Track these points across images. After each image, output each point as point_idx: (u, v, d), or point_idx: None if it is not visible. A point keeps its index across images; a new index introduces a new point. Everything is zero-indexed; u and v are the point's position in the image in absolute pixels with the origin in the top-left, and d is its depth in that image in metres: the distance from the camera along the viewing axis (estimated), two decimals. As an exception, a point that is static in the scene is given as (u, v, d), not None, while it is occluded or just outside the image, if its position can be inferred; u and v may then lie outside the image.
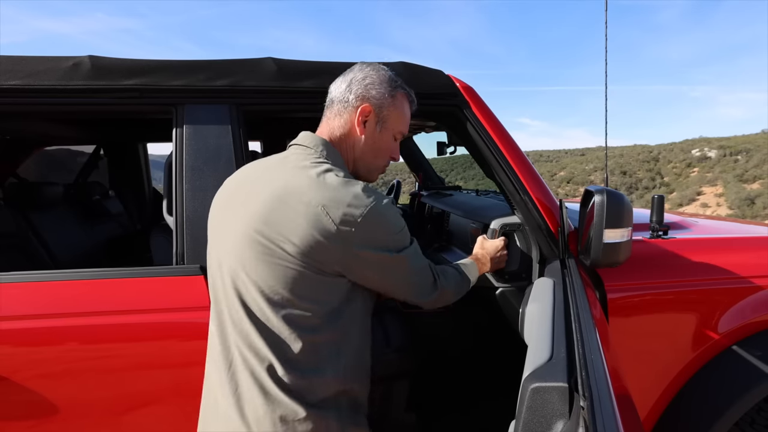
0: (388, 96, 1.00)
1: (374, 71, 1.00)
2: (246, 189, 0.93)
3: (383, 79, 1.00)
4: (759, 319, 1.31)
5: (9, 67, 1.13)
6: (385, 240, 0.89)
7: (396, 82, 1.02)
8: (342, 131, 0.99)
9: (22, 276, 1.12)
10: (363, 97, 0.98)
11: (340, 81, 1.02)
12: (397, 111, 1.01)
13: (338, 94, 1.00)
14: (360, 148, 1.00)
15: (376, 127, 1.00)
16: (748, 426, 1.29)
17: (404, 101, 1.03)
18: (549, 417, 0.63)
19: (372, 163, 1.04)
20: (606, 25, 1.33)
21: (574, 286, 1.00)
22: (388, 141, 1.03)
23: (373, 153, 1.02)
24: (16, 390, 1.06)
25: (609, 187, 1.20)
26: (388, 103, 1.00)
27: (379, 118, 1.00)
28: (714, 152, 34.05)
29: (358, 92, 0.98)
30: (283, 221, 0.84)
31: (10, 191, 2.12)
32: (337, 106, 1.00)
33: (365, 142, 1.00)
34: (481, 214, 1.69)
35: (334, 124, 1.00)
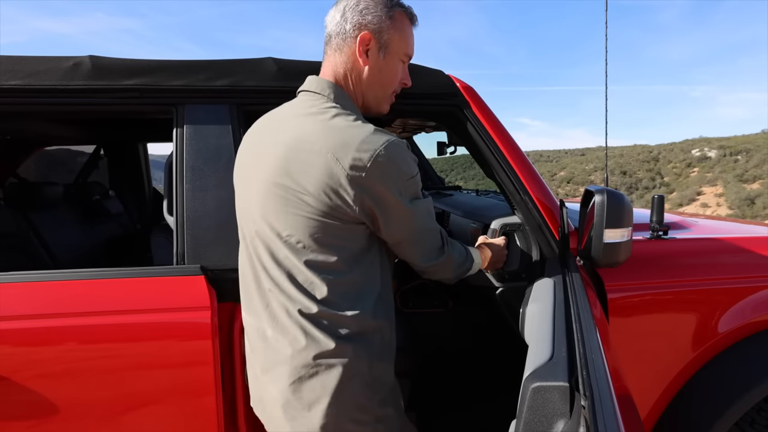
0: (386, 18, 0.93)
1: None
2: (263, 141, 0.94)
3: (378, 0, 0.94)
4: (759, 319, 1.31)
5: (9, 67, 1.13)
6: (396, 184, 0.86)
7: (392, 1, 0.95)
8: (345, 66, 0.95)
9: (22, 276, 1.12)
10: (360, 25, 0.92)
11: (333, 11, 0.96)
12: (398, 32, 0.95)
13: (334, 26, 0.94)
14: (366, 80, 0.96)
15: (379, 54, 0.95)
16: (748, 426, 1.29)
17: (404, 19, 0.97)
18: (550, 416, 0.63)
19: (381, 93, 0.99)
20: (606, 25, 1.33)
21: (575, 286, 1.00)
22: (395, 66, 0.98)
23: (380, 82, 0.97)
24: (16, 390, 1.06)
25: (609, 187, 1.20)
26: (388, 25, 0.94)
27: (381, 44, 0.94)
28: (714, 152, 34.07)
29: (354, 20, 0.92)
30: (297, 171, 0.85)
31: (10, 191, 2.12)
32: (335, 40, 0.94)
33: (370, 72, 0.95)
34: (481, 214, 1.69)
35: (336, 60, 0.95)
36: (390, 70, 0.97)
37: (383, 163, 0.83)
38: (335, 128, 0.85)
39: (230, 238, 1.15)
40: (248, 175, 0.95)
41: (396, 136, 0.88)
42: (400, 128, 2.46)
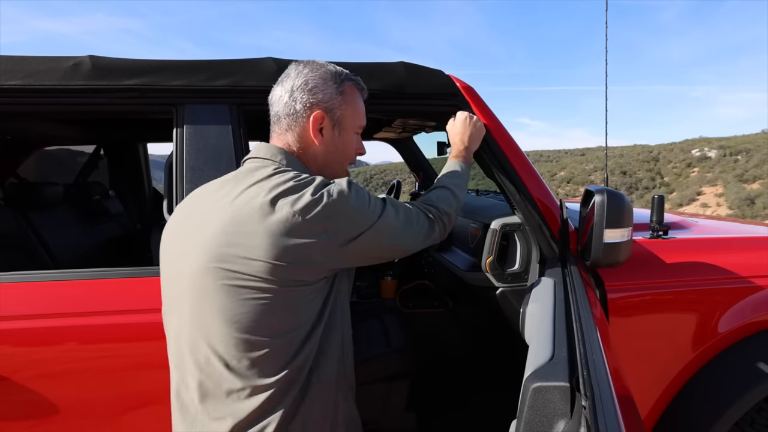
0: (337, 94, 0.92)
1: (313, 71, 0.92)
2: (197, 216, 0.84)
3: (325, 77, 0.92)
4: (759, 319, 1.31)
5: (9, 67, 1.13)
6: (360, 220, 0.83)
7: (340, 75, 0.93)
8: (299, 144, 0.92)
9: (22, 276, 1.12)
10: (311, 104, 0.90)
11: (279, 90, 0.93)
12: (350, 106, 0.95)
13: (282, 107, 0.91)
14: (323, 157, 0.94)
15: (333, 132, 0.94)
16: (748, 426, 1.29)
17: (354, 92, 0.96)
18: (551, 416, 0.63)
19: (338, 167, 0.98)
20: (606, 26, 1.33)
21: (575, 285, 1.00)
22: (350, 140, 0.97)
23: (337, 157, 0.97)
24: (16, 390, 1.06)
25: (609, 187, 1.20)
26: (339, 102, 0.93)
27: (335, 121, 0.93)
28: (714, 152, 34.07)
29: (304, 100, 0.90)
30: (242, 241, 0.75)
31: (10, 191, 2.12)
32: (286, 120, 0.91)
33: (326, 150, 0.94)
34: (481, 214, 1.70)
35: (288, 138, 0.92)
36: (346, 144, 0.96)
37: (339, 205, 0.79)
38: (283, 185, 0.79)
39: (230, 238, 1.15)
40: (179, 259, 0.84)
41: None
42: (400, 128, 2.46)
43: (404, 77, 1.25)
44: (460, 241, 1.89)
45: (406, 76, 1.25)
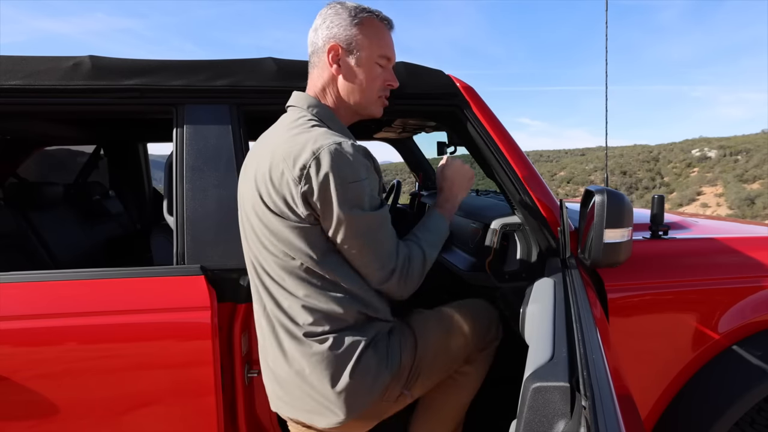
0: (352, 26, 0.97)
1: (332, 9, 0.99)
2: (252, 157, 1.01)
3: (342, 13, 0.98)
4: (759, 319, 1.31)
5: (9, 67, 1.13)
6: (335, 187, 0.86)
7: (357, 8, 0.98)
8: (322, 80, 1.01)
9: (22, 276, 1.12)
10: (328, 38, 0.98)
11: (311, 32, 1.02)
12: (367, 37, 0.98)
13: (310, 47, 1.02)
14: (344, 88, 1.00)
15: (350, 62, 0.99)
16: (748, 426, 1.29)
17: (373, 23, 1.00)
18: (551, 416, 0.63)
19: (363, 98, 1.02)
20: (606, 26, 1.33)
21: (575, 285, 1.00)
22: (371, 70, 1.00)
23: (360, 89, 1.01)
24: (16, 390, 1.06)
25: (609, 187, 1.20)
26: (355, 33, 0.97)
27: (350, 51, 0.98)
28: (714, 152, 34.07)
29: (323, 35, 0.98)
30: (268, 183, 0.91)
31: (10, 191, 2.12)
32: (313, 58, 1.01)
33: (345, 80, 0.99)
34: (481, 214, 1.69)
35: (314, 75, 1.02)
36: (366, 75, 1.00)
37: (322, 164, 0.85)
38: (291, 137, 0.90)
39: (230, 238, 1.15)
40: (243, 192, 1.02)
41: (351, 140, 0.91)
42: (400, 128, 2.46)
43: (404, 77, 1.25)
44: (460, 241, 1.89)
45: (406, 76, 1.25)
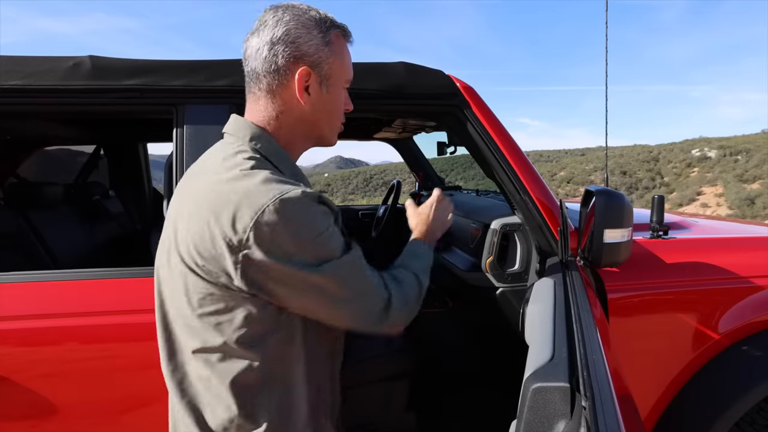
0: (323, 45, 0.79)
1: (295, 19, 0.78)
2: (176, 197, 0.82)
3: (309, 25, 0.78)
4: (759, 319, 1.31)
5: (9, 67, 1.13)
6: (293, 248, 0.69)
7: (325, 22, 0.80)
8: (277, 107, 0.81)
9: (22, 276, 1.12)
10: (295, 58, 0.78)
11: (255, 41, 0.79)
12: (338, 59, 0.82)
13: (261, 62, 0.78)
14: (309, 120, 0.83)
15: (321, 89, 0.82)
16: (748, 426, 1.29)
17: (341, 42, 0.83)
18: (551, 417, 0.63)
19: (329, 130, 0.87)
20: (606, 25, 1.33)
21: (575, 286, 1.00)
22: (338, 96, 0.85)
23: (327, 119, 0.85)
24: (16, 390, 1.06)
25: (609, 187, 1.20)
26: (326, 53, 0.80)
27: (322, 77, 0.81)
28: (714, 152, 34.07)
29: (286, 54, 0.77)
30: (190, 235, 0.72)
31: (10, 191, 2.12)
32: (266, 78, 0.79)
33: (313, 110, 0.82)
34: (481, 214, 1.70)
35: (268, 102, 0.81)
36: (334, 103, 0.85)
37: (272, 221, 0.67)
38: (222, 182, 0.71)
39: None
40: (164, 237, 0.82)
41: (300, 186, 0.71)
42: (400, 128, 2.46)
43: (404, 77, 1.25)
44: (460, 241, 1.89)
45: (406, 76, 1.25)
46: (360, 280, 0.78)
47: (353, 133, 2.71)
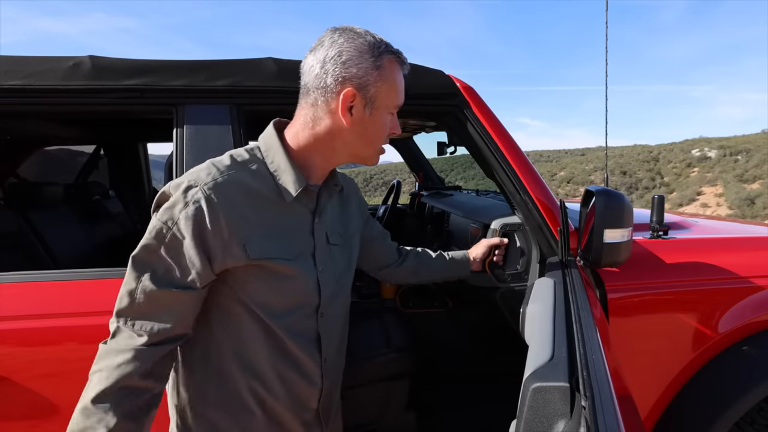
0: (373, 69, 0.82)
1: (349, 42, 0.82)
2: None
3: (362, 48, 0.82)
4: (759, 319, 1.31)
5: (9, 67, 1.13)
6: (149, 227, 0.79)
7: (378, 47, 0.83)
8: (315, 122, 0.85)
9: (22, 276, 1.12)
10: (343, 79, 0.81)
11: (311, 59, 0.84)
12: (387, 83, 0.84)
13: (312, 78, 0.83)
14: (347, 140, 0.86)
15: (365, 111, 0.84)
16: (748, 426, 1.29)
17: (394, 67, 0.86)
18: (550, 417, 0.63)
19: (369, 152, 0.90)
20: (606, 25, 1.33)
21: (575, 286, 1.00)
22: (382, 121, 0.87)
23: (365, 139, 0.87)
24: (16, 390, 1.06)
25: (609, 187, 1.20)
26: (375, 77, 0.83)
27: (367, 99, 0.83)
28: (714, 152, 34.06)
29: (336, 74, 0.81)
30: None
31: (10, 191, 2.12)
32: (314, 94, 0.83)
33: (353, 130, 0.85)
34: (481, 214, 1.69)
35: (310, 115, 0.85)
36: (376, 126, 0.87)
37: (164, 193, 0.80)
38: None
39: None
40: None
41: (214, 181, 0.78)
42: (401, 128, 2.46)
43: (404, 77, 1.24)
44: (460, 241, 1.89)
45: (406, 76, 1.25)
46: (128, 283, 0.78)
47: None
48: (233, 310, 0.84)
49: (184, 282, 0.78)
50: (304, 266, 0.87)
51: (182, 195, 0.77)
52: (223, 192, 0.78)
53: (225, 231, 0.77)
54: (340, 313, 0.98)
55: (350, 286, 1.01)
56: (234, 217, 0.78)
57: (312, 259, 0.89)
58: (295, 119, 0.88)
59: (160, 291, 0.76)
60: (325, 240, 0.93)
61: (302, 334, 0.89)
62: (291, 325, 0.87)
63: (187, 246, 0.76)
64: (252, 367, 0.86)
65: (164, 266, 0.77)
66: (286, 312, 0.86)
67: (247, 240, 0.80)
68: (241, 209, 0.80)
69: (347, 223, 1.03)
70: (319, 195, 0.92)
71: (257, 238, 0.81)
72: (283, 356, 0.87)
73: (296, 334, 0.88)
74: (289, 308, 0.87)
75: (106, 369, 0.75)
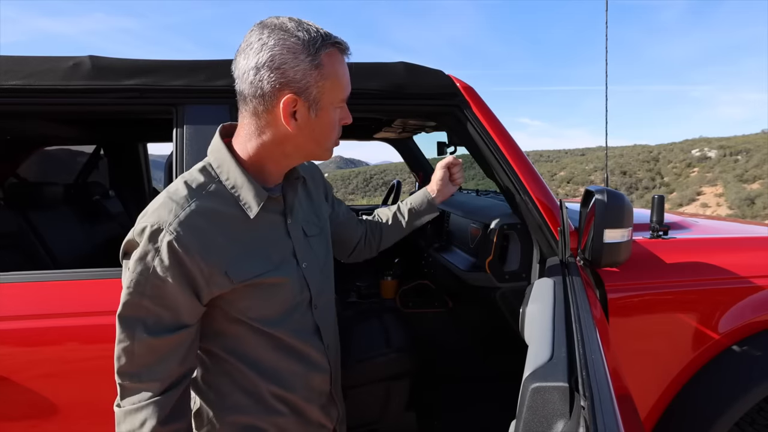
0: (311, 69, 0.76)
1: (280, 43, 0.75)
2: None
3: (296, 49, 0.75)
4: (759, 319, 1.31)
5: (9, 67, 1.13)
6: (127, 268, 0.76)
7: (314, 43, 0.76)
8: (263, 130, 0.81)
9: (22, 276, 1.12)
10: (281, 85, 0.76)
11: (242, 62, 0.77)
12: (329, 80, 0.78)
13: (247, 85, 0.77)
14: (295, 145, 0.82)
15: (309, 114, 0.79)
16: (748, 426, 1.29)
17: (334, 60, 0.79)
18: (549, 417, 0.63)
19: (320, 150, 0.86)
20: (606, 25, 1.33)
21: (575, 286, 1.00)
22: (330, 118, 0.82)
23: (314, 140, 0.83)
24: (16, 390, 1.06)
25: (609, 187, 1.20)
26: (315, 77, 0.77)
27: (311, 102, 0.78)
28: (714, 152, 34.05)
29: (272, 80, 0.75)
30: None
31: (10, 191, 2.12)
32: (252, 102, 0.78)
33: (300, 134, 0.81)
34: (481, 214, 1.69)
35: (250, 123, 0.81)
36: (324, 125, 0.82)
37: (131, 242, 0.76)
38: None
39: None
40: None
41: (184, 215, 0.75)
42: (400, 128, 2.46)
43: (404, 77, 1.25)
44: (460, 241, 1.89)
45: (406, 76, 1.25)
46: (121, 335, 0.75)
47: (353, 133, 2.71)
48: (232, 331, 0.84)
49: (178, 323, 0.76)
50: (289, 270, 0.87)
51: (149, 242, 0.73)
52: (189, 227, 0.74)
53: (203, 265, 0.75)
54: (330, 299, 1.00)
55: (332, 272, 1.03)
56: (208, 249, 0.76)
57: (294, 258, 0.89)
58: (240, 128, 0.84)
59: (157, 339, 0.75)
60: (302, 235, 0.92)
61: (303, 330, 0.90)
62: (291, 326, 0.88)
63: (171, 290, 0.74)
64: (266, 372, 0.87)
65: (153, 315, 0.75)
66: (282, 317, 0.86)
67: (227, 266, 0.78)
68: (212, 238, 0.77)
69: (318, 211, 1.02)
70: (285, 195, 0.89)
71: (236, 261, 0.79)
72: (290, 354, 0.89)
73: (298, 331, 0.89)
74: (285, 312, 0.87)
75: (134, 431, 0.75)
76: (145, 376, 0.76)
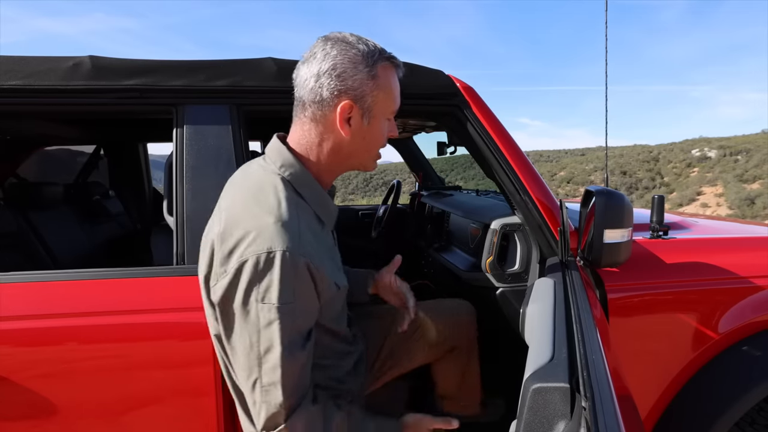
0: (368, 79, 0.83)
1: (342, 53, 0.82)
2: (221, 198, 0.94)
3: (356, 59, 0.82)
4: (759, 319, 1.31)
5: (9, 67, 1.13)
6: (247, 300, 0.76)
7: (372, 55, 0.83)
8: (320, 137, 0.86)
9: (22, 276, 1.12)
10: (339, 92, 0.82)
11: (304, 71, 0.84)
12: (383, 92, 0.86)
13: (307, 92, 0.84)
14: (347, 151, 0.88)
15: (362, 121, 0.86)
16: (748, 426, 1.29)
17: (389, 74, 0.87)
18: (550, 417, 0.63)
19: (366, 157, 0.92)
20: (606, 25, 1.33)
21: (575, 286, 1.00)
22: (380, 128, 0.89)
23: (365, 147, 0.89)
24: (16, 390, 1.06)
25: (609, 187, 1.20)
26: (371, 87, 0.83)
27: (365, 110, 0.85)
28: (714, 152, 34.05)
29: (331, 87, 0.81)
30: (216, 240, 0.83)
31: (10, 191, 2.12)
32: (310, 108, 0.84)
33: (353, 141, 0.87)
34: (481, 214, 1.69)
35: (311, 130, 0.86)
36: (375, 134, 0.89)
37: (247, 271, 0.75)
38: (246, 202, 0.81)
39: (230, 239, 1.15)
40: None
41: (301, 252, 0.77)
42: (400, 128, 2.46)
43: (404, 77, 1.24)
44: (460, 241, 1.89)
45: (406, 76, 1.25)
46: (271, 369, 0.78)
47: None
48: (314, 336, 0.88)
49: (310, 332, 0.84)
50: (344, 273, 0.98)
51: (278, 269, 0.74)
52: (304, 246, 0.78)
53: (323, 277, 0.81)
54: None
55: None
56: (320, 262, 0.80)
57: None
58: (299, 136, 0.88)
59: (307, 352, 0.82)
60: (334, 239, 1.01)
61: (342, 316, 1.01)
62: (343, 320, 1.00)
63: (312, 305, 0.82)
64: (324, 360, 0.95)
65: (300, 334, 0.80)
66: (341, 314, 0.97)
67: (332, 275, 0.84)
68: (317, 251, 0.82)
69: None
70: None
71: (332, 269, 0.86)
72: (336, 339, 0.98)
73: (343, 322, 1.01)
74: (342, 309, 0.98)
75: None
76: (302, 388, 0.81)
